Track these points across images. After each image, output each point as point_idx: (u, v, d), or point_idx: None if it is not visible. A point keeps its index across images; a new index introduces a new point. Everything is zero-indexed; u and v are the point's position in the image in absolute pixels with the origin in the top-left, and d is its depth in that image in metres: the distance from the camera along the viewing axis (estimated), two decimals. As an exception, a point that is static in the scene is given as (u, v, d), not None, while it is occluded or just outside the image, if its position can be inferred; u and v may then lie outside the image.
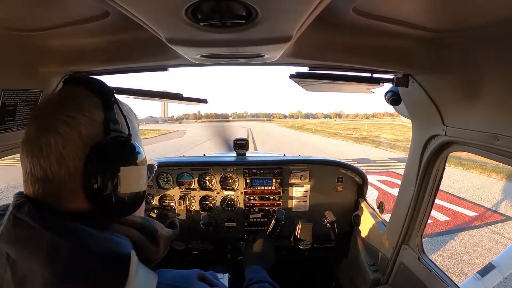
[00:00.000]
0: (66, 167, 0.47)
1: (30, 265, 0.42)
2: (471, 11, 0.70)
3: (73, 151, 0.47)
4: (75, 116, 0.48)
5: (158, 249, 0.54)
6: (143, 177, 0.56)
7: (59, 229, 0.44)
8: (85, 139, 0.48)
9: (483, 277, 2.54)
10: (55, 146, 0.46)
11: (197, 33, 0.63)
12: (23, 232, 0.44)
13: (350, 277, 1.98)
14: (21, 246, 0.43)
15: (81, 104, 0.50)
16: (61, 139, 0.47)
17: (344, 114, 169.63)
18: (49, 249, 0.42)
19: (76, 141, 0.47)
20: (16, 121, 0.95)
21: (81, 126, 0.48)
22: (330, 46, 0.99)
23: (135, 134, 0.58)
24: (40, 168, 0.47)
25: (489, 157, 0.91)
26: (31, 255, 0.42)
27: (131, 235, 0.51)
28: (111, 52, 1.02)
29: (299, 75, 1.14)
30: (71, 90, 0.53)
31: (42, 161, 0.47)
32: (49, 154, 0.46)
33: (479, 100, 0.87)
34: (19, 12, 0.72)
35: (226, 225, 2.01)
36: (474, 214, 5.98)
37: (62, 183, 0.47)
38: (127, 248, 0.48)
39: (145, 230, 0.54)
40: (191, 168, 1.98)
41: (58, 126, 0.47)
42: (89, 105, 0.51)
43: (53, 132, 0.47)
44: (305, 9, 0.55)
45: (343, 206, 1.97)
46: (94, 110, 0.51)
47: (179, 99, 1.38)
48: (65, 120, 0.47)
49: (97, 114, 0.51)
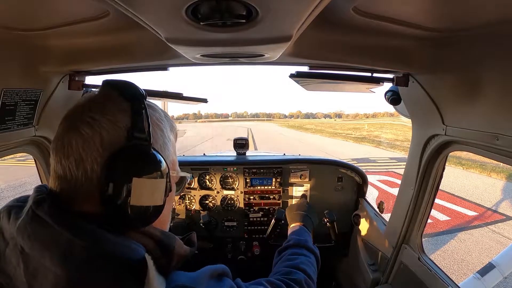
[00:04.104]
0: (84, 169, 0.47)
1: (44, 262, 0.42)
2: (471, 11, 0.70)
3: (92, 154, 0.47)
4: (98, 118, 0.48)
5: (169, 265, 0.52)
6: (159, 191, 0.52)
7: (76, 229, 0.44)
8: (106, 144, 0.47)
9: (483, 276, 2.55)
10: (76, 146, 0.47)
11: (197, 32, 0.63)
12: (40, 229, 0.44)
13: (350, 276, 1.98)
14: (36, 242, 0.43)
15: (106, 107, 0.50)
16: (81, 140, 0.47)
17: (344, 114, 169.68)
18: (64, 248, 0.42)
19: (96, 144, 0.47)
20: (16, 121, 0.95)
21: (103, 129, 0.48)
22: (330, 46, 0.99)
23: (163, 144, 0.56)
24: (60, 166, 0.48)
25: (489, 157, 0.91)
26: (45, 252, 0.42)
27: (146, 243, 0.50)
28: (111, 52, 1.02)
29: (299, 75, 1.14)
30: (104, 93, 0.53)
31: (63, 160, 0.47)
32: (69, 153, 0.47)
33: (479, 100, 0.87)
34: (19, 12, 0.72)
35: (226, 224, 2.01)
36: (474, 214, 5.99)
37: (78, 183, 0.47)
38: (141, 253, 0.47)
39: (162, 244, 0.52)
40: (191, 167, 1.98)
41: (80, 126, 0.47)
42: (114, 109, 0.50)
43: (75, 132, 0.47)
44: (305, 8, 0.55)
45: (343, 206, 1.97)
46: (119, 115, 0.50)
47: (179, 98, 1.38)
48: (88, 122, 0.48)
49: (123, 119, 0.50)
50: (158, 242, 0.51)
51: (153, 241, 0.51)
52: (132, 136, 0.49)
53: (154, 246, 0.51)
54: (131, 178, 0.48)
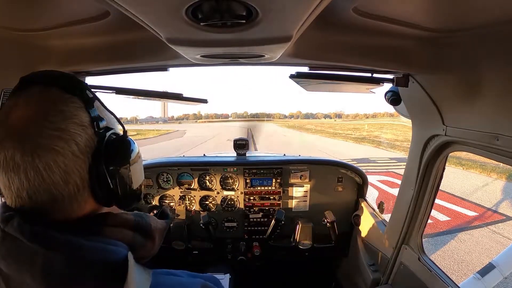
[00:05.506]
0: (74, 182, 0.45)
1: (24, 279, 0.41)
2: (471, 11, 0.70)
3: (76, 164, 0.44)
4: (65, 127, 0.43)
5: (153, 244, 0.53)
6: (142, 167, 0.57)
7: (50, 243, 0.42)
8: (83, 148, 0.45)
9: (483, 277, 2.54)
10: (56, 165, 0.42)
11: (197, 33, 0.63)
12: (13, 247, 0.42)
13: (350, 277, 1.97)
14: (12, 261, 0.42)
15: (65, 110, 0.45)
16: (61, 157, 0.43)
17: (344, 114, 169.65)
18: (42, 263, 0.41)
19: (75, 153, 0.44)
20: None
21: (75, 135, 0.44)
22: (330, 46, 0.99)
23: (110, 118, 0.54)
24: (43, 191, 0.43)
25: (489, 157, 0.91)
26: (23, 270, 0.41)
27: (125, 237, 0.49)
28: (111, 52, 1.02)
29: (299, 75, 1.14)
30: (43, 95, 0.45)
31: (44, 185, 0.43)
32: (51, 175, 0.42)
33: (479, 100, 0.87)
34: (19, 12, 0.72)
35: (226, 225, 2.01)
36: (474, 214, 5.98)
37: (66, 197, 0.44)
38: (122, 254, 0.46)
39: (139, 227, 0.52)
40: (191, 168, 1.98)
41: (52, 144, 0.42)
42: (73, 109, 0.46)
43: (49, 152, 0.42)
44: (305, 9, 0.55)
45: (343, 206, 1.97)
46: (79, 113, 0.46)
47: (179, 99, 1.38)
48: (57, 135, 0.43)
49: (83, 116, 0.46)
50: (135, 226, 0.51)
51: (129, 229, 0.50)
52: (99, 129, 0.48)
53: (133, 234, 0.51)
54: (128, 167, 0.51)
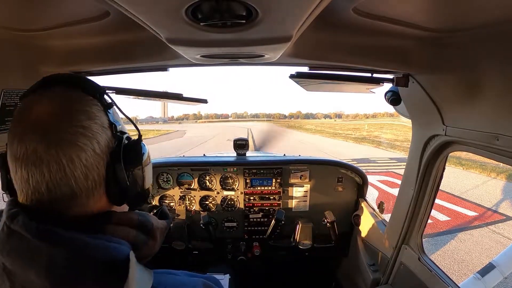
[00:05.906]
0: (92, 178, 0.48)
1: (29, 276, 0.41)
2: (471, 11, 0.70)
3: (95, 161, 0.48)
4: (89, 125, 0.47)
5: (155, 242, 0.55)
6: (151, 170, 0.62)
7: (54, 239, 0.43)
8: (103, 147, 0.49)
9: (483, 277, 2.54)
10: (78, 160, 0.45)
11: (197, 33, 0.63)
12: (18, 244, 0.43)
13: (350, 277, 1.97)
14: (17, 257, 0.42)
15: (89, 111, 0.48)
16: (83, 153, 0.46)
17: (344, 114, 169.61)
18: (46, 260, 0.42)
19: (96, 151, 0.47)
20: None
21: (97, 135, 0.48)
22: (330, 46, 0.99)
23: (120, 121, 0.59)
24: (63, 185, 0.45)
25: (489, 157, 0.91)
26: (28, 266, 0.42)
27: (127, 235, 0.50)
28: (111, 52, 1.02)
29: (299, 75, 1.14)
30: (68, 95, 0.48)
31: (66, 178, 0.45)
32: (73, 169, 0.45)
33: (479, 100, 0.87)
34: (19, 12, 0.72)
35: (226, 225, 2.01)
36: (474, 214, 5.98)
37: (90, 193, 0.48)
38: (124, 252, 0.47)
39: (142, 225, 0.53)
40: (191, 168, 1.98)
41: (76, 139, 0.45)
42: (96, 111, 0.49)
43: (73, 147, 0.45)
44: (305, 9, 0.55)
45: (343, 206, 1.97)
46: (101, 115, 0.50)
47: (179, 99, 1.38)
48: (82, 132, 0.46)
49: (104, 119, 0.50)
50: (138, 225, 0.53)
51: (132, 227, 0.52)
52: (116, 132, 0.52)
53: (136, 233, 0.52)
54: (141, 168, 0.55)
